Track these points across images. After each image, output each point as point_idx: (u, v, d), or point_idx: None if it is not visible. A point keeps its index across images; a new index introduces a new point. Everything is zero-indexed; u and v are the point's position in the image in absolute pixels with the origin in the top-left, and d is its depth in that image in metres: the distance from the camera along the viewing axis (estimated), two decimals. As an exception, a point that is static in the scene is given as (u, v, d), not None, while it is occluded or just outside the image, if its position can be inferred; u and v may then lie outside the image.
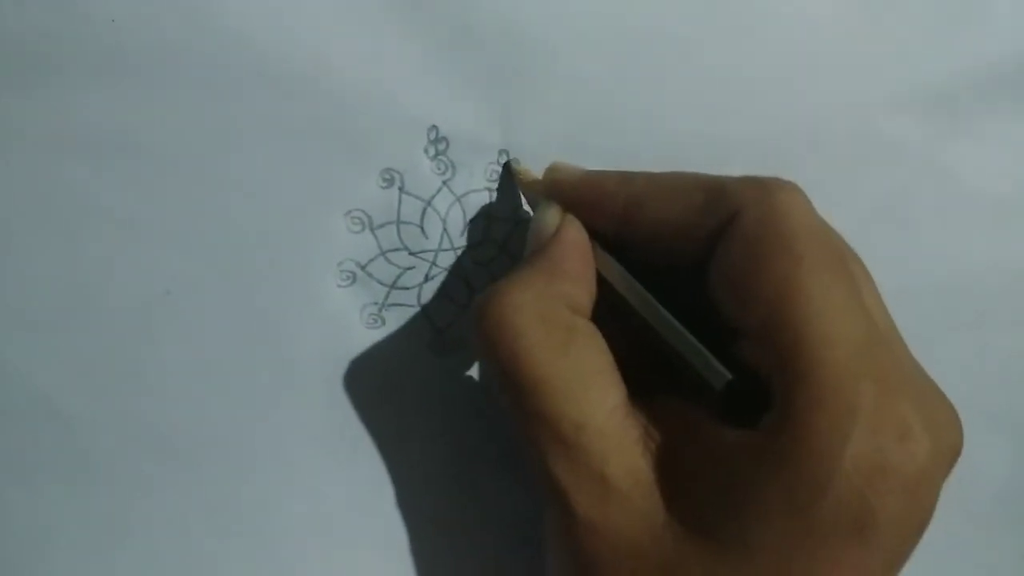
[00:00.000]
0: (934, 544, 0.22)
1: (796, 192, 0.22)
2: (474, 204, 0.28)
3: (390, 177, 0.27)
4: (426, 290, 0.28)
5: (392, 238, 0.28)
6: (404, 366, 0.28)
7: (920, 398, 0.22)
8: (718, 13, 0.29)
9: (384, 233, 0.28)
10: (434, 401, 0.28)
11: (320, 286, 0.27)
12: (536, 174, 0.28)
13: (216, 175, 0.26)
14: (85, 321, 0.26)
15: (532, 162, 0.28)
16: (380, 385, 0.28)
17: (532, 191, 0.28)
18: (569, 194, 0.26)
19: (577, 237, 0.25)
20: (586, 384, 0.22)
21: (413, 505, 0.28)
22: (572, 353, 0.23)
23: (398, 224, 0.28)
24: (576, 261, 0.24)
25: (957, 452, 0.22)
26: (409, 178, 0.28)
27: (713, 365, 0.22)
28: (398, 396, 0.28)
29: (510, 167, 0.28)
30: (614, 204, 0.25)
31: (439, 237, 0.28)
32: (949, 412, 0.22)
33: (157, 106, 0.26)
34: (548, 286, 0.23)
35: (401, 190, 0.28)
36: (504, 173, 0.28)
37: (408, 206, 0.28)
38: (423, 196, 0.28)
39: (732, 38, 0.30)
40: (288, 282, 0.27)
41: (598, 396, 0.22)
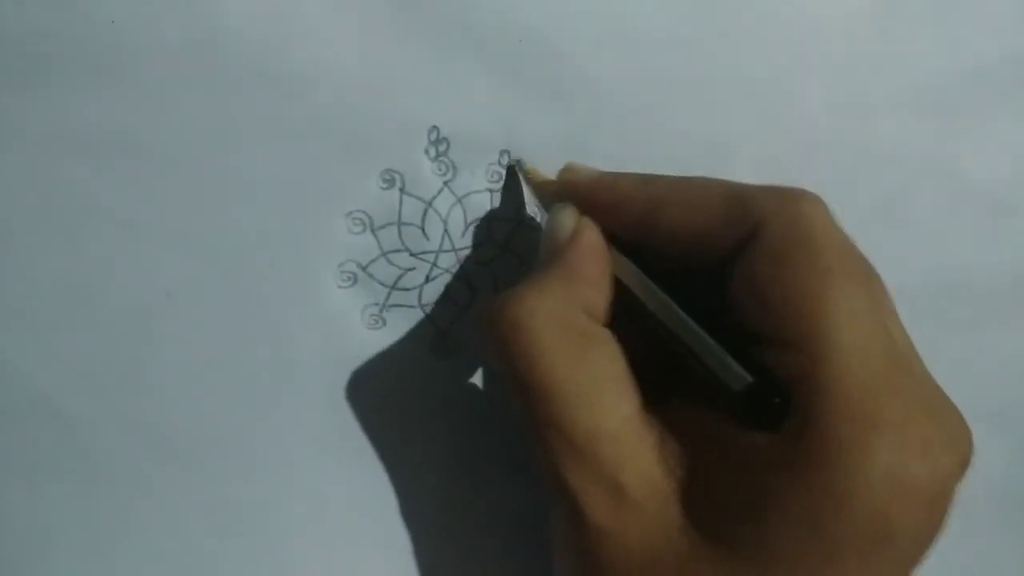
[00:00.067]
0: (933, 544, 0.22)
1: (819, 203, 0.22)
2: (475, 205, 0.28)
3: (391, 178, 0.27)
4: (427, 291, 0.28)
5: (393, 239, 0.28)
6: (405, 367, 0.28)
7: (939, 413, 0.22)
8: (718, 13, 0.29)
9: (385, 234, 0.28)
10: (435, 402, 0.28)
11: (321, 287, 0.27)
12: (545, 174, 0.27)
13: (217, 176, 0.26)
14: (85, 321, 0.26)
15: (533, 163, 0.28)
16: (381, 386, 0.28)
17: (543, 192, 0.27)
18: (584, 196, 0.25)
19: (594, 241, 0.24)
20: (601, 391, 0.22)
21: (413, 506, 0.28)
22: (588, 360, 0.22)
23: (399, 225, 0.28)
24: (593, 265, 0.24)
25: (968, 464, 0.22)
26: (410, 179, 0.28)
27: (733, 368, 0.22)
28: (399, 397, 0.28)
29: (517, 167, 0.28)
30: (632, 207, 0.24)
31: (440, 238, 0.28)
32: (962, 425, 0.22)
33: (157, 106, 0.26)
34: (566, 291, 0.23)
35: (402, 191, 0.28)
36: (509, 174, 0.28)
37: (409, 207, 0.28)
38: (424, 197, 0.28)
39: (732, 38, 0.29)
40: (289, 283, 0.27)
41: (613, 403, 0.22)
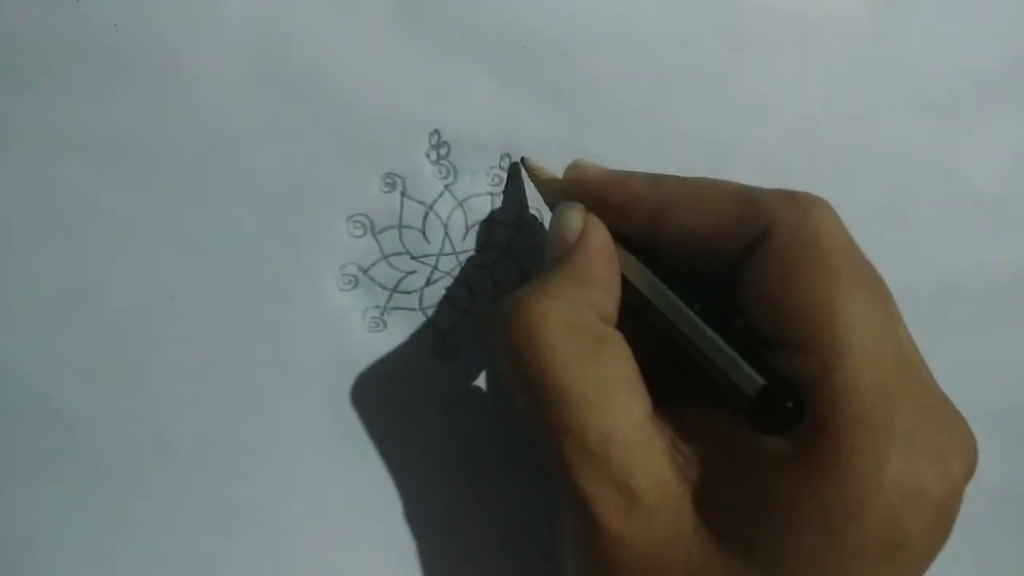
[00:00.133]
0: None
1: (828, 208, 0.22)
2: (476, 208, 0.28)
3: (392, 181, 0.27)
4: (428, 294, 0.28)
5: (394, 242, 0.28)
6: (406, 369, 0.28)
7: (947, 418, 0.22)
8: (718, 13, 0.29)
9: (386, 237, 0.28)
10: (435, 403, 0.28)
11: (322, 289, 0.27)
12: (551, 171, 0.27)
13: (217, 178, 0.26)
14: (85, 321, 0.26)
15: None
16: (382, 388, 0.28)
17: (549, 189, 0.27)
18: (592, 194, 0.25)
19: (603, 240, 0.24)
20: (613, 394, 0.22)
21: (414, 507, 0.28)
22: (601, 362, 0.22)
23: (400, 228, 0.28)
24: (603, 266, 0.24)
25: (975, 468, 0.22)
26: (411, 182, 0.27)
27: (745, 370, 0.22)
28: (400, 399, 0.28)
29: (522, 165, 0.28)
30: (642, 207, 0.24)
31: (441, 241, 0.28)
32: (968, 431, 0.22)
33: (157, 107, 0.26)
34: (577, 294, 0.23)
35: (403, 194, 0.27)
36: (511, 173, 0.28)
37: (410, 210, 0.28)
38: (425, 200, 0.28)
39: (732, 38, 0.29)
40: (290, 285, 0.27)
41: (625, 406, 0.22)
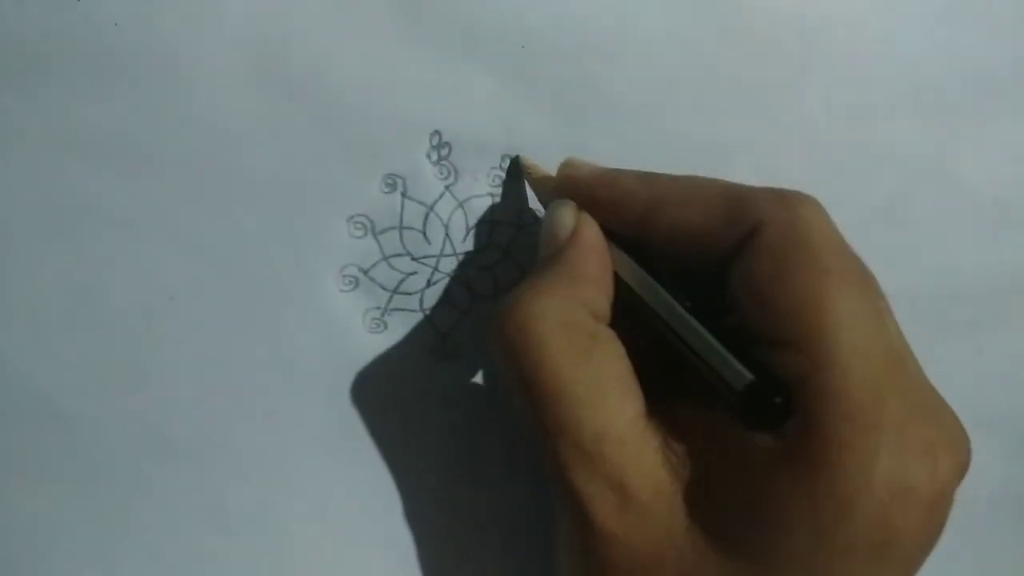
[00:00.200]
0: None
1: (817, 206, 0.22)
2: (477, 209, 0.28)
3: (392, 182, 0.27)
4: (428, 295, 0.28)
5: (394, 243, 0.28)
6: (406, 371, 0.28)
7: (937, 415, 0.22)
8: (718, 13, 0.29)
9: (386, 238, 0.28)
10: (435, 404, 0.28)
11: (322, 290, 0.27)
12: (546, 170, 0.27)
13: (217, 179, 0.26)
14: (85, 321, 0.26)
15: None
16: (382, 389, 0.28)
17: (543, 188, 0.27)
18: (584, 192, 0.25)
19: (595, 238, 0.24)
20: (606, 392, 0.22)
21: (413, 506, 0.28)
22: (594, 360, 0.22)
23: (400, 229, 0.28)
24: (595, 264, 0.24)
25: (967, 467, 0.22)
26: (412, 183, 0.27)
27: (734, 366, 0.22)
28: (400, 400, 0.28)
29: (518, 163, 0.28)
30: (633, 205, 0.24)
31: (441, 242, 0.28)
32: (960, 428, 0.22)
33: (157, 107, 0.26)
34: (570, 292, 0.23)
35: (404, 195, 0.27)
36: (510, 171, 0.28)
37: (411, 211, 0.28)
38: (426, 201, 0.28)
39: (732, 39, 0.29)
40: (290, 286, 0.27)
41: (618, 405, 0.22)
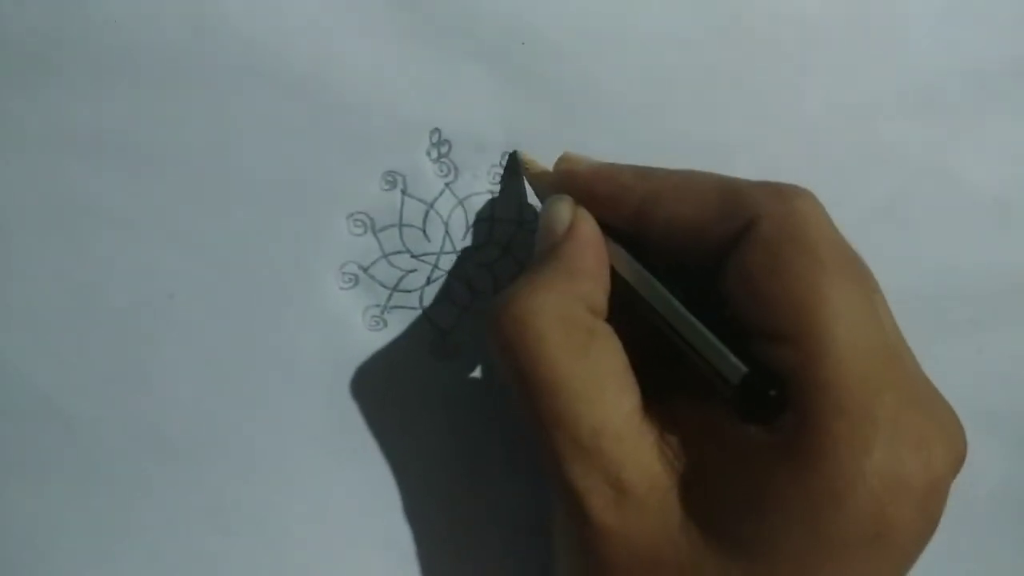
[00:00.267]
0: (931, 544, 0.22)
1: (813, 199, 0.22)
2: (477, 207, 0.28)
3: (392, 180, 0.27)
4: (428, 293, 0.28)
5: (394, 241, 0.28)
6: (406, 368, 0.28)
7: (931, 408, 0.22)
8: (719, 13, 0.29)
9: (386, 236, 0.28)
10: (435, 402, 0.28)
11: (322, 288, 0.27)
12: (544, 165, 0.27)
13: (217, 177, 0.26)
14: (85, 321, 0.26)
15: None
16: (382, 387, 0.28)
17: (540, 183, 0.27)
18: (581, 186, 0.25)
19: (591, 233, 0.24)
20: (603, 387, 0.22)
21: (413, 506, 0.28)
22: (591, 355, 0.22)
23: (400, 227, 0.28)
24: (592, 259, 0.24)
25: (963, 460, 0.22)
26: (411, 181, 0.27)
27: (729, 359, 0.22)
28: (400, 398, 0.28)
29: (516, 158, 0.28)
30: (630, 199, 0.24)
31: (441, 240, 0.28)
32: (955, 421, 0.22)
33: (157, 106, 0.26)
34: (567, 287, 0.23)
35: (403, 193, 0.28)
36: (509, 167, 0.28)
37: (410, 209, 0.28)
38: (425, 199, 0.28)
39: (732, 38, 0.29)
40: (290, 284, 0.27)
41: (615, 399, 0.22)
